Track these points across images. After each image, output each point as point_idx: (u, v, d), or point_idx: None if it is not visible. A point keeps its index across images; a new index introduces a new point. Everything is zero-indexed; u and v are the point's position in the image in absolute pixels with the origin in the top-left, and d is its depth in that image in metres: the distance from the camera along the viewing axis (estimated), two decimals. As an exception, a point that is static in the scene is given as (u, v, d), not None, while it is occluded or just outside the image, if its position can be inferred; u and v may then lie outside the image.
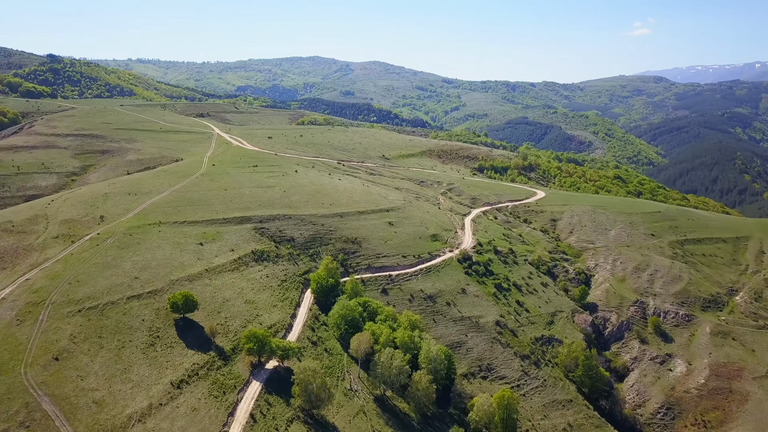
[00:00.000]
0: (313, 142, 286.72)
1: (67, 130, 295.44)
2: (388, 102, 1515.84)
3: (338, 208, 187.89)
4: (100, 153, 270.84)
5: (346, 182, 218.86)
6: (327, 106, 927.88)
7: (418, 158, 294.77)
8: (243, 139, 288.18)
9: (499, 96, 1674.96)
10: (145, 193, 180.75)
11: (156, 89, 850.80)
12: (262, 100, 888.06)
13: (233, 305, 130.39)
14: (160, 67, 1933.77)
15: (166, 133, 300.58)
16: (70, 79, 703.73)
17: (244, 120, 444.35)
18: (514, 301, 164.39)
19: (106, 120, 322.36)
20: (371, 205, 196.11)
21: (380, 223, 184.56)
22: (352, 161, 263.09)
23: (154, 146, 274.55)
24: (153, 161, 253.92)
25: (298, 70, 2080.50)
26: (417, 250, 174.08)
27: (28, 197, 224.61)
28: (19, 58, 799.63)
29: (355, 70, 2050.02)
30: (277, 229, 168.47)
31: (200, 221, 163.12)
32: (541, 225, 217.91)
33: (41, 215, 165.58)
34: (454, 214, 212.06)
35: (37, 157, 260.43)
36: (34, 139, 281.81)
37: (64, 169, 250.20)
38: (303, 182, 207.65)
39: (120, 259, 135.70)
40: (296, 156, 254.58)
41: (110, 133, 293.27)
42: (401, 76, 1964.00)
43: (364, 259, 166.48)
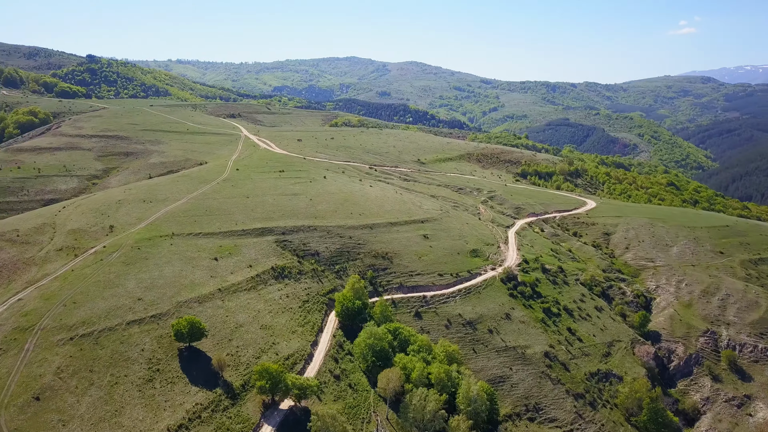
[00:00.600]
0: (344, 146, 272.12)
1: (93, 131, 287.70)
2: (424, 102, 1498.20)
3: (368, 218, 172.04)
4: (124, 155, 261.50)
5: (378, 189, 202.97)
6: (362, 107, 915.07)
7: (456, 162, 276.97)
8: (271, 141, 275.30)
9: (539, 97, 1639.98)
10: (161, 201, 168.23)
11: (191, 89, 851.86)
12: (296, 100, 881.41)
13: (247, 331, 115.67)
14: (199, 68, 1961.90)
15: (192, 135, 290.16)
16: (107, 80, 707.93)
17: (276, 121, 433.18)
18: (565, 328, 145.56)
19: (132, 121, 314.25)
20: (404, 215, 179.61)
21: (414, 236, 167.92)
22: (385, 166, 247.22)
23: (179, 148, 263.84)
24: (176, 164, 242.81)
25: (335, 71, 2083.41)
26: (455, 267, 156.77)
27: (46, 201, 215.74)
28: (58, 58, 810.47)
29: (392, 71, 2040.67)
30: (301, 242, 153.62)
31: (217, 233, 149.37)
32: (593, 239, 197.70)
33: (49, 224, 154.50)
34: (496, 225, 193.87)
35: (59, 159, 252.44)
36: (58, 141, 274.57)
37: (85, 172, 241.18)
38: (331, 189, 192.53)
39: (124, 276, 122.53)
40: (326, 160, 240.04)
41: (136, 135, 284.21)
42: (438, 77, 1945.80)
43: (396, 277, 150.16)
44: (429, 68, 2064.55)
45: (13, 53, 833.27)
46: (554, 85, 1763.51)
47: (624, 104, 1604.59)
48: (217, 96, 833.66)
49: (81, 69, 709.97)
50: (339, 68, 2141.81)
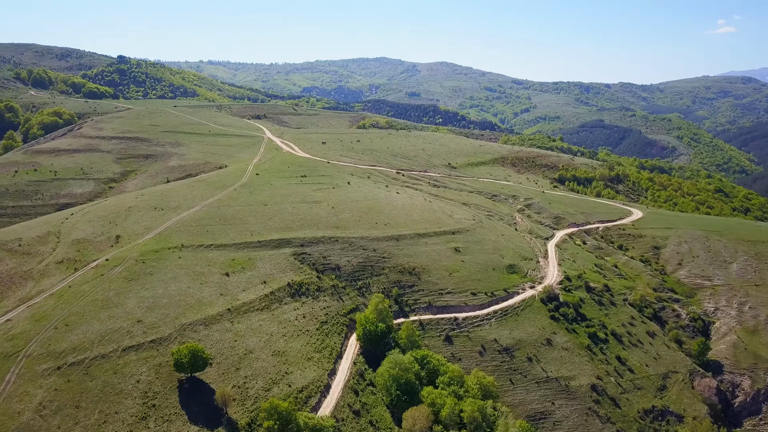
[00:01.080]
0: (370, 149, 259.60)
1: (113, 133, 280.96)
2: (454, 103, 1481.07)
3: (394, 229, 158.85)
4: (143, 158, 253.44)
5: (405, 196, 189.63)
6: (391, 108, 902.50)
7: (489, 167, 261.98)
8: (295, 144, 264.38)
9: (572, 97, 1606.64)
10: (173, 208, 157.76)
11: (219, 90, 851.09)
12: (325, 101, 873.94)
13: (257, 359, 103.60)
14: (230, 69, 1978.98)
15: (214, 137, 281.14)
16: (135, 80, 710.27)
17: (302, 123, 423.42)
18: (614, 356, 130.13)
19: (154, 122, 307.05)
20: (434, 225, 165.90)
21: (444, 249, 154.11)
22: (414, 170, 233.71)
23: (200, 151, 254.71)
24: (195, 168, 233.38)
25: (364, 72, 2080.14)
26: (490, 285, 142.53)
27: (60, 206, 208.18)
28: (90, 59, 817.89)
29: (422, 71, 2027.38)
30: (321, 254, 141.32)
31: (230, 245, 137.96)
32: (641, 253, 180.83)
33: (54, 233, 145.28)
34: (534, 237, 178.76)
35: (77, 161, 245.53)
36: (78, 142, 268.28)
37: (102, 175, 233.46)
38: (355, 196, 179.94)
39: (124, 295, 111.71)
40: (351, 164, 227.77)
41: (156, 136, 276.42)
42: (469, 77, 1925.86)
43: (424, 296, 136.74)
44: (459, 68, 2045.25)
45: (46, 54, 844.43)
46: (588, 86, 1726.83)
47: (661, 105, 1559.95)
48: (245, 97, 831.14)
49: (110, 70, 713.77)
50: (368, 69, 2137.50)
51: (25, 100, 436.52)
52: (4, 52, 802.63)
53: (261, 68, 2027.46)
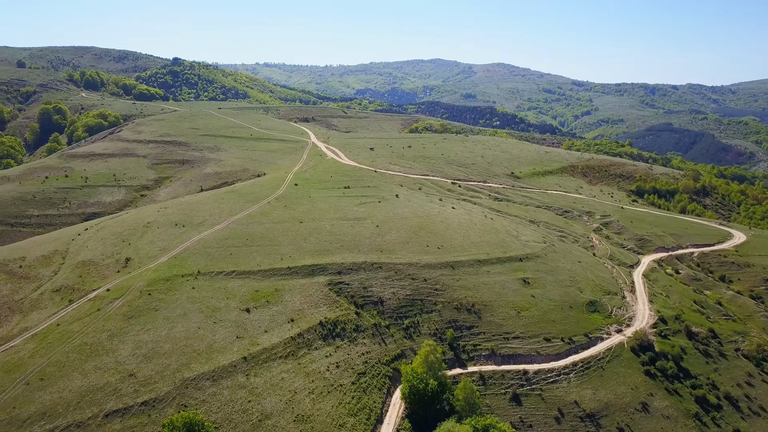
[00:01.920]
0: (423, 155, 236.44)
1: (151, 136, 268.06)
2: (511, 105, 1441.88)
3: (449, 253, 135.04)
4: (179, 163, 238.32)
5: (462, 212, 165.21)
6: (445, 110, 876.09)
7: (557, 176, 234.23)
8: (341, 149, 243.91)
9: (637, 100, 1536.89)
10: (195, 225, 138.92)
11: (271, 92, 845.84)
12: (377, 103, 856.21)
13: (275, 426, 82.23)
14: (285, 71, 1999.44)
15: (255, 141, 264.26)
16: (188, 82, 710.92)
17: (351, 126, 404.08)
18: (732, 430, 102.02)
19: (194, 125, 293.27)
20: (497, 249, 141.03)
21: (510, 279, 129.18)
22: (472, 180, 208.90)
23: (238, 157, 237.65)
24: (232, 175, 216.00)
25: (419, 73, 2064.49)
26: (567, 328, 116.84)
27: (88, 216, 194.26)
28: (145, 61, 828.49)
29: (478, 73, 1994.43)
30: (361, 284, 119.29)
31: (255, 271, 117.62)
32: (750, 287, 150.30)
33: (61, 251, 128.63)
34: (616, 264, 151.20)
35: (111, 166, 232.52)
36: (114, 146, 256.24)
37: (135, 182, 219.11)
38: (404, 212, 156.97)
39: (119, 337, 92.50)
40: (400, 173, 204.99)
41: (195, 140, 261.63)
42: (526, 78, 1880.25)
43: (485, 340, 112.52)
44: (517, 70, 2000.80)
45: (104, 57, 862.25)
46: (653, 87, 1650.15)
47: (733, 108, 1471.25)
48: (297, 99, 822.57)
49: (164, 71, 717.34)
50: (423, 70, 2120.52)
51: (74, 102, 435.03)
52: (65, 55, 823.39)
53: (315, 70, 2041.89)
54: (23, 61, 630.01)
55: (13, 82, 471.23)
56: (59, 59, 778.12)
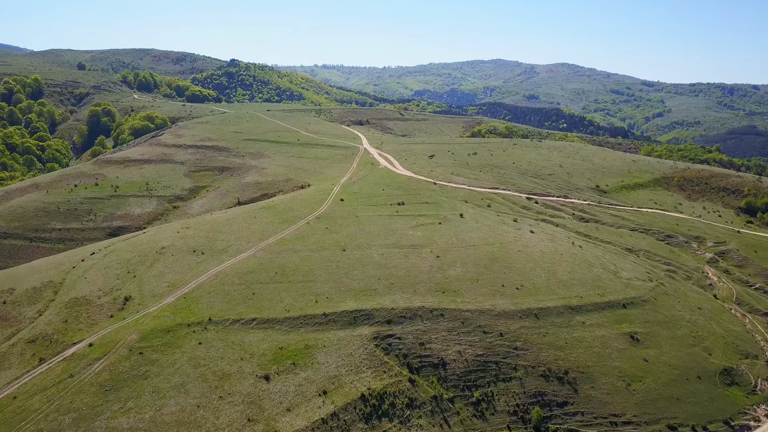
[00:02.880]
0: (491, 164, 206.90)
1: (192, 141, 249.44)
2: (577, 107, 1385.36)
3: (531, 296, 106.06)
4: (218, 171, 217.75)
5: (544, 238, 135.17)
6: (508, 111, 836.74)
7: (650, 190, 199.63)
8: (395, 157, 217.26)
9: (713, 101, 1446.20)
10: (217, 252, 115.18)
11: (327, 93, 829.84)
12: (436, 104, 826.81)
13: None
14: (343, 73, 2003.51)
15: (302, 147, 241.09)
16: (243, 83, 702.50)
17: (408, 129, 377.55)
18: None
19: (239, 128, 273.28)
20: (592, 290, 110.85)
21: (613, 334, 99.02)
22: (550, 195, 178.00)
23: (282, 164, 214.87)
24: (273, 186, 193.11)
25: (479, 74, 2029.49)
26: (698, 410, 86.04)
27: (113, 230, 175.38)
28: (202, 63, 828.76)
29: (540, 73, 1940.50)
30: (417, 339, 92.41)
31: (280, 319, 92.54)
32: None
33: (55, 283, 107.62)
34: (747, 311, 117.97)
35: (145, 174, 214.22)
36: (152, 151, 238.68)
37: (168, 192, 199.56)
38: (471, 238, 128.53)
39: (88, 421, 68.61)
40: (465, 186, 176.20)
41: (237, 146, 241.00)
42: (592, 79, 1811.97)
43: (585, 424, 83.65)
44: (581, 70, 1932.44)
45: (162, 59, 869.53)
46: (731, 87, 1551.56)
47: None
48: (353, 100, 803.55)
49: (219, 73, 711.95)
50: (483, 71, 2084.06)
51: (125, 104, 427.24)
52: (125, 57, 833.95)
53: (374, 72, 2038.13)
54: (83, 64, 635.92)
55: (68, 83, 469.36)
56: (119, 61, 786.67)
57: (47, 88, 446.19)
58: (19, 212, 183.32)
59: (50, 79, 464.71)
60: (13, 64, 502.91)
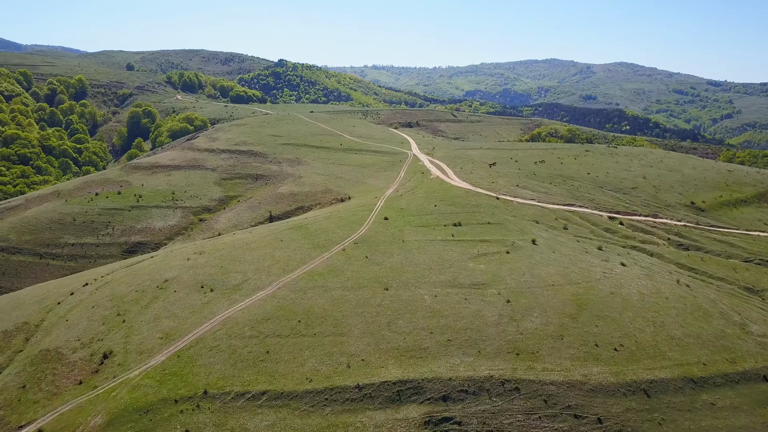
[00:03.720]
0: (561, 174, 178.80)
1: (226, 145, 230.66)
2: (637, 107, 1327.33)
3: (635, 361, 79.53)
4: (252, 179, 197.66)
5: (639, 273, 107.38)
6: (566, 113, 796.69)
7: (756, 208, 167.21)
8: (449, 164, 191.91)
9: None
10: (229, 289, 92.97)
11: (376, 94, 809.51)
12: (489, 105, 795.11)
13: None
14: (393, 73, 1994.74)
15: (344, 153, 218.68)
16: (290, 84, 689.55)
17: (462, 131, 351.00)
18: None
19: (277, 131, 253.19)
20: (717, 353, 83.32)
21: (757, 425, 71.46)
22: (636, 214, 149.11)
23: (322, 173, 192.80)
24: (310, 198, 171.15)
25: (532, 74, 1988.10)
26: None
27: (130, 246, 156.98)
28: (250, 63, 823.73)
29: (597, 73, 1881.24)
30: (483, 426, 67.86)
31: (300, 393, 69.38)
32: None
33: (32, 324, 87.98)
34: None
35: (172, 181, 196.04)
36: (183, 156, 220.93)
37: (195, 203, 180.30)
38: (549, 274, 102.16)
39: None
40: (533, 202, 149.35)
41: (274, 150, 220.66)
42: (653, 78, 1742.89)
43: None
44: (641, 69, 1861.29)
45: (211, 59, 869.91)
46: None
47: None
48: (402, 101, 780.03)
49: (266, 73, 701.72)
50: (537, 71, 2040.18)
51: (167, 105, 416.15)
52: (175, 58, 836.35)
53: (424, 72, 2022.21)
54: (132, 64, 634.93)
55: (112, 84, 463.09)
56: (168, 62, 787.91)
57: (91, 89, 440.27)
58: (32, 224, 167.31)
59: (95, 80, 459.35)
60: (60, 64, 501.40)
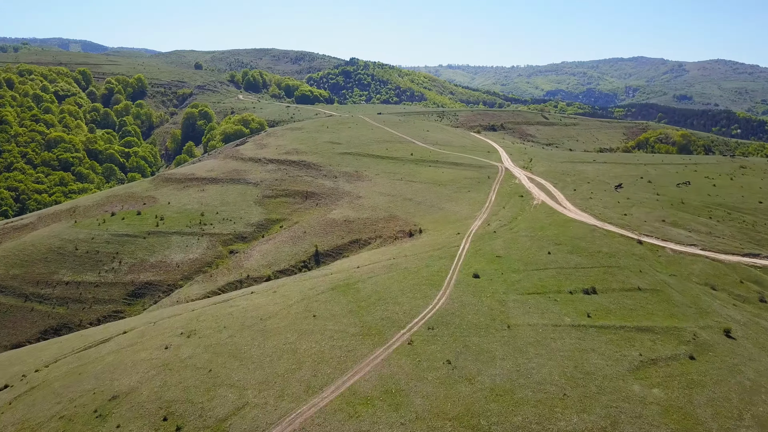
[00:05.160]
0: (720, 203, 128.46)
1: (275, 153, 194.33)
2: (740, 108, 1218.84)
3: None
4: (301, 197, 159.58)
5: None
6: (664, 114, 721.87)
7: None
8: (556, 184, 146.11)
9: None
10: (212, 425, 52.63)
11: (451, 93, 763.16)
12: (576, 105, 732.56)
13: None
14: (468, 72, 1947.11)
15: (416, 165, 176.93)
16: (360, 83, 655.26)
17: (555, 136, 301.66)
18: None
19: (337, 137, 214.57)
20: None
21: None
22: None
23: (386, 191, 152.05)
24: (369, 227, 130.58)
25: (617, 73, 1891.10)
26: None
27: (137, 288, 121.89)
28: (320, 62, 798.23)
29: (690, 71, 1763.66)
30: None
31: None
32: None
33: None
34: None
35: (205, 199, 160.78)
36: (224, 166, 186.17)
37: (228, 228, 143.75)
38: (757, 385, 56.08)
39: None
40: (694, 249, 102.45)
41: (330, 161, 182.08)
42: (755, 77, 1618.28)
43: None
44: (741, 67, 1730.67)
45: (282, 58, 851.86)
46: None
47: None
48: (480, 101, 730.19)
49: (335, 72, 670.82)
50: (622, 70, 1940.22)
51: (226, 105, 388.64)
52: (245, 57, 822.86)
53: (501, 71, 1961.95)
54: (200, 64, 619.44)
55: (173, 83, 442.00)
56: (238, 61, 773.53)
57: (151, 89, 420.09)
58: (27, 252, 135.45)
59: (155, 79, 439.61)
60: (124, 63, 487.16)
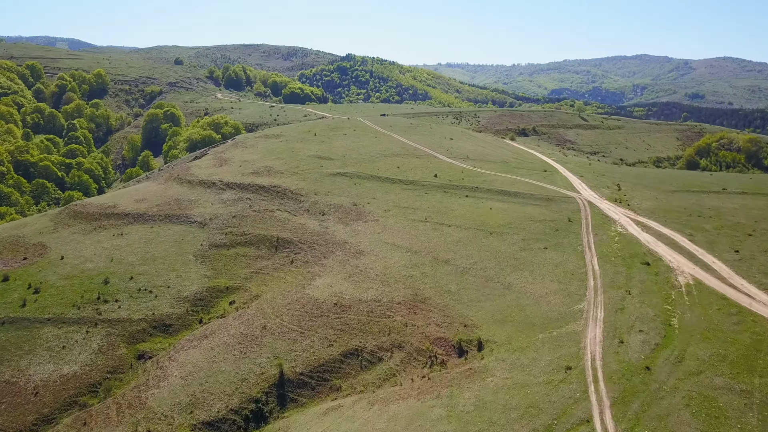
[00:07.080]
0: None
1: (236, 172, 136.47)
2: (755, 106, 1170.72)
3: None
4: (268, 248, 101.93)
5: None
6: (689, 114, 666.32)
7: None
8: (690, 235, 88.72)
9: None
10: None
11: (457, 91, 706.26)
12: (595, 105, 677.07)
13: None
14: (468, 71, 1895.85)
15: (445, 195, 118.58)
16: (358, 80, 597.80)
17: (599, 142, 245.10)
18: None
19: (327, 148, 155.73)
20: None
21: None
22: None
23: (402, 242, 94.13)
24: (374, 320, 73.09)
25: (621, 71, 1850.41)
26: None
27: None
28: (314, 58, 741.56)
29: (697, 69, 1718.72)
30: None
31: None
32: None
33: None
34: None
35: (120, 250, 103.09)
36: (162, 193, 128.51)
37: (144, 307, 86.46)
38: None
39: None
40: None
41: (317, 186, 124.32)
42: (765, 75, 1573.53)
43: None
44: (750, 64, 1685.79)
45: (272, 54, 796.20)
46: None
47: None
48: (488, 99, 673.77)
49: (331, 68, 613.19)
50: (626, 68, 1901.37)
51: (199, 106, 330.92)
52: (232, 53, 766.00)
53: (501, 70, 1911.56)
54: (182, 59, 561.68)
55: (140, 80, 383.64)
56: (225, 57, 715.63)
57: (113, 86, 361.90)
58: None
59: (120, 75, 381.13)
60: (87, 57, 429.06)
